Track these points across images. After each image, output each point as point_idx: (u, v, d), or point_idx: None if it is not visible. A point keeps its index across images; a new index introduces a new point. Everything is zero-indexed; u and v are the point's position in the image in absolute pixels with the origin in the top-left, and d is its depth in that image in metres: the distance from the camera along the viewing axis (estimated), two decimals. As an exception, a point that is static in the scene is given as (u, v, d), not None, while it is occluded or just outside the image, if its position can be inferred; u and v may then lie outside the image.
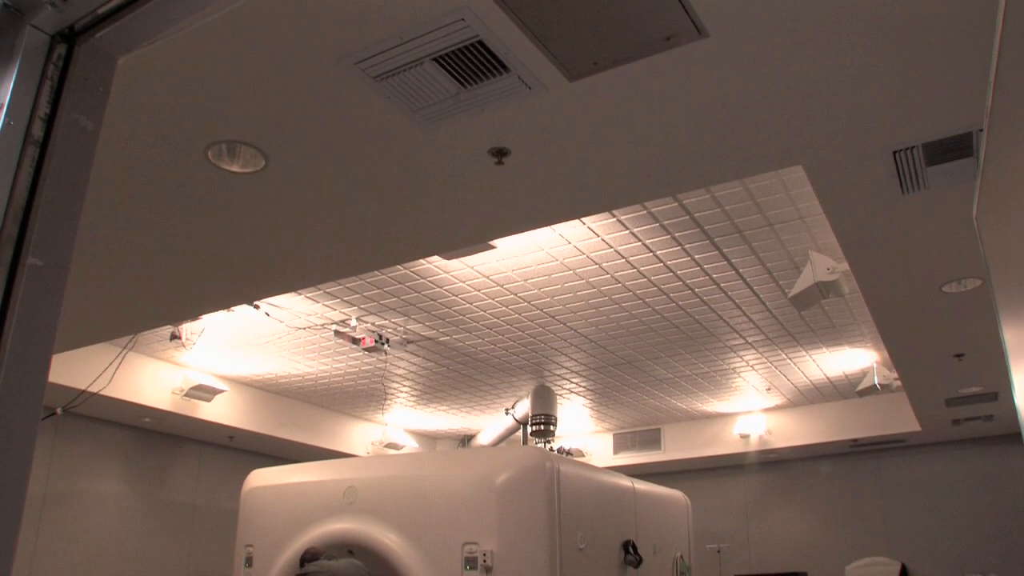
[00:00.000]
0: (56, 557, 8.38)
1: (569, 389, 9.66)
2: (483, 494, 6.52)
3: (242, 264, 4.88)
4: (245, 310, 7.03)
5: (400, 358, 8.43)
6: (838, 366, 8.96)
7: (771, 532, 11.61)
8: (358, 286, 6.61)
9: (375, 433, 11.20)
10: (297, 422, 10.13)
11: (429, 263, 6.16)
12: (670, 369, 8.92)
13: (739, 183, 5.07)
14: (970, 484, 10.48)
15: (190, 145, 3.51)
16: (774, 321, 7.50)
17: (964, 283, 5.32)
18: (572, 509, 6.74)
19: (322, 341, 7.92)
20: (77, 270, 4.59)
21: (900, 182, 3.94)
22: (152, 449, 9.64)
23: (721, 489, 11.90)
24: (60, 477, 8.61)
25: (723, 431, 11.05)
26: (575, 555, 6.71)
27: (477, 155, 3.58)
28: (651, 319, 7.37)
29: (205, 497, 10.13)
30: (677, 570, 8.79)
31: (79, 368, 7.38)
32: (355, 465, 7.79)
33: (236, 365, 8.77)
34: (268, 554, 7.49)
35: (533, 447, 8.89)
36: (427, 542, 6.63)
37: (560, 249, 5.97)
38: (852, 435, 10.42)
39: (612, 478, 8.05)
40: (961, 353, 6.83)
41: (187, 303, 5.71)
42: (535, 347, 8.09)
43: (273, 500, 7.76)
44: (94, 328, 6.08)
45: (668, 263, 6.22)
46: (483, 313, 7.17)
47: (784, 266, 6.32)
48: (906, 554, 10.62)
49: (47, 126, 1.46)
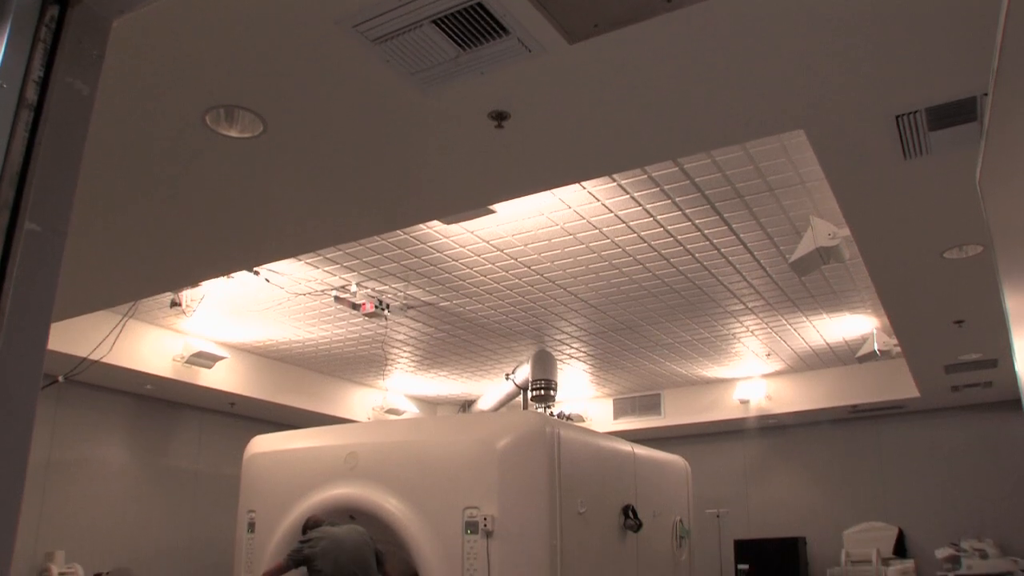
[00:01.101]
0: (61, 523, 8.43)
1: (569, 354, 9.68)
2: (484, 459, 6.55)
3: (241, 230, 4.86)
4: (245, 276, 7.02)
5: (400, 323, 8.44)
6: (838, 332, 8.97)
7: (770, 497, 11.67)
8: (358, 251, 6.60)
9: (376, 399, 11.23)
10: (298, 388, 10.16)
11: (429, 228, 6.14)
12: (670, 334, 8.93)
13: (740, 147, 5.04)
14: (968, 450, 10.52)
15: (187, 110, 3.48)
16: (774, 286, 7.50)
17: (965, 249, 5.30)
18: (572, 474, 6.77)
19: (322, 307, 7.92)
20: (76, 237, 4.57)
21: (902, 147, 3.92)
22: (154, 416, 9.67)
23: (721, 454, 11.96)
24: (63, 444, 8.65)
25: (723, 396, 11.09)
26: (575, 519, 6.76)
27: (477, 119, 3.56)
28: (651, 284, 7.36)
29: (207, 463, 10.18)
30: (676, 534, 8.86)
31: (80, 336, 7.38)
32: (356, 431, 7.82)
33: (236, 332, 8.78)
34: (270, 519, 7.53)
35: (533, 412, 8.93)
36: (428, 507, 6.67)
37: (560, 214, 5.95)
38: (851, 401, 10.44)
39: (612, 443, 8.09)
40: (961, 320, 6.83)
41: (186, 269, 5.70)
42: (535, 312, 8.09)
43: (275, 466, 7.80)
44: (94, 296, 6.07)
45: (668, 228, 6.20)
46: (483, 278, 7.16)
47: (785, 231, 6.30)
48: (903, 519, 10.69)
49: (41, 90, 1.45)
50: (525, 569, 6.33)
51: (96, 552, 8.56)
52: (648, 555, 8.08)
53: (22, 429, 1.56)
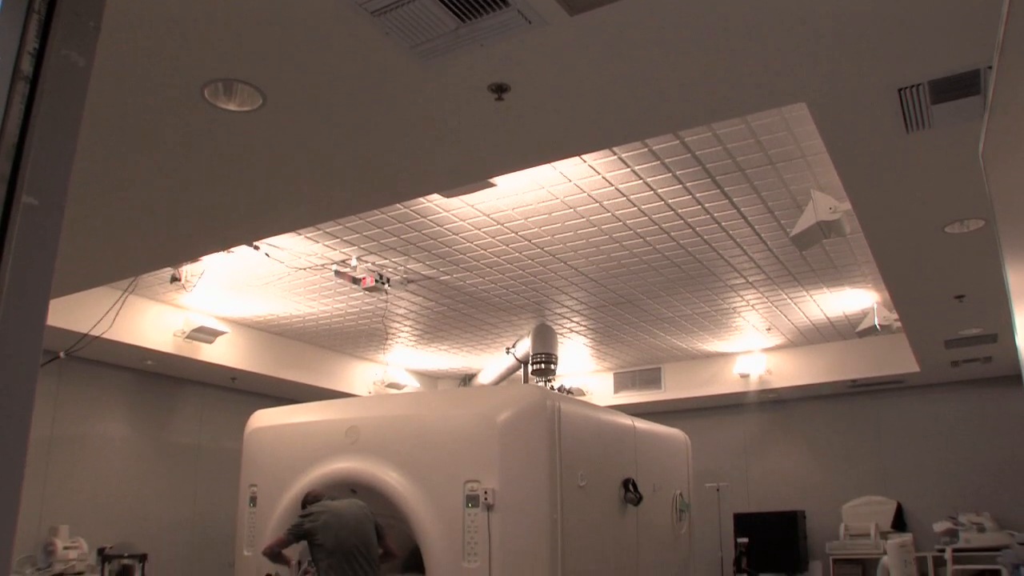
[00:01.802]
0: (64, 498, 8.47)
1: (570, 328, 9.68)
2: (484, 432, 6.57)
3: (240, 204, 4.85)
4: (245, 251, 7.00)
5: (401, 298, 8.44)
6: (838, 306, 8.97)
7: (770, 471, 11.72)
8: (358, 226, 6.58)
9: (376, 373, 11.25)
10: (298, 363, 10.17)
11: (429, 202, 6.12)
12: (670, 308, 8.93)
13: (741, 120, 5.01)
14: (967, 425, 10.55)
15: (186, 84, 3.46)
16: (775, 260, 7.49)
17: (967, 224, 5.29)
18: (572, 447, 6.79)
19: (323, 281, 7.92)
20: (74, 212, 4.56)
21: (905, 120, 3.90)
22: (155, 391, 9.69)
23: (721, 428, 11.99)
24: (65, 420, 8.67)
25: (723, 370, 11.11)
26: (575, 493, 6.78)
27: (476, 91, 3.53)
28: (652, 258, 7.35)
29: (208, 438, 10.22)
30: (676, 508, 8.90)
31: (81, 312, 7.38)
32: (357, 405, 7.84)
33: (237, 307, 8.78)
34: (272, 493, 7.56)
35: (534, 386, 8.94)
36: (429, 480, 6.69)
37: (561, 187, 5.93)
38: (851, 376, 10.46)
39: (612, 416, 8.10)
40: (962, 294, 6.82)
41: (186, 244, 5.69)
42: (536, 286, 8.09)
43: (276, 440, 7.82)
44: (94, 271, 6.07)
45: (669, 201, 6.19)
46: (483, 252, 7.15)
47: (786, 205, 6.28)
48: (902, 493, 10.74)
49: (36, 62, 1.43)
50: (525, 542, 6.36)
51: (99, 526, 8.60)
52: (648, 528, 8.13)
53: (23, 404, 1.56)
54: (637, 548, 7.88)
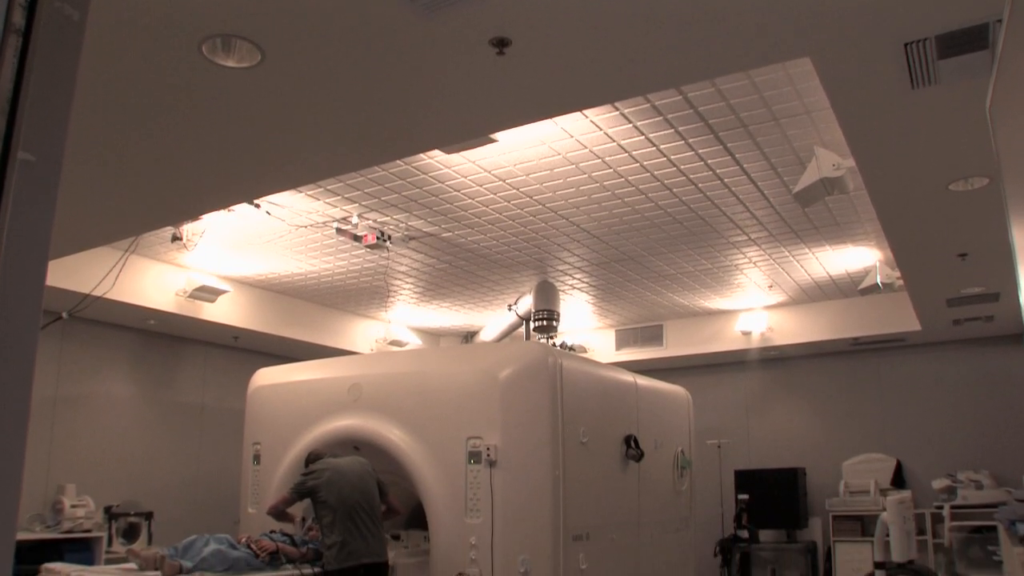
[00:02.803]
0: (70, 457, 8.53)
1: (572, 285, 9.68)
2: (487, 389, 6.59)
3: (240, 162, 4.82)
4: (245, 209, 6.98)
5: (402, 255, 8.42)
6: (840, 264, 8.95)
7: (770, 428, 11.77)
8: (359, 183, 6.55)
9: (378, 331, 11.27)
10: (301, 321, 10.19)
11: (430, 158, 6.09)
12: (672, 265, 8.92)
13: (745, 76, 4.96)
14: (968, 384, 10.58)
15: (183, 40, 3.42)
16: (777, 218, 7.46)
17: (971, 182, 5.25)
18: (574, 404, 6.82)
19: (324, 239, 7.90)
20: (73, 172, 4.53)
21: (910, 76, 3.86)
22: (158, 351, 9.72)
23: (722, 385, 12.03)
24: (69, 380, 8.71)
25: (725, 328, 11.12)
26: (577, 449, 6.82)
27: (477, 45, 3.50)
28: (654, 214, 7.32)
29: (212, 397, 10.26)
30: (678, 464, 8.95)
31: (82, 272, 7.37)
32: (359, 362, 7.87)
33: (238, 265, 8.77)
34: (275, 451, 7.61)
35: (536, 342, 8.96)
36: (431, 437, 6.73)
37: (563, 143, 5.89)
38: (853, 333, 10.47)
39: (614, 373, 8.13)
40: (964, 253, 6.80)
41: (186, 203, 5.67)
42: (537, 242, 8.07)
43: (279, 398, 7.86)
44: (94, 231, 6.05)
45: (672, 157, 6.15)
46: (485, 208, 7.13)
47: (789, 162, 6.24)
48: (902, 451, 10.79)
49: (28, 15, 1.41)
50: (528, 498, 6.40)
51: (105, 485, 8.67)
52: (649, 485, 8.18)
53: (24, 362, 1.54)
54: (638, 504, 7.95)
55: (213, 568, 5.60)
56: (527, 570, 6.23)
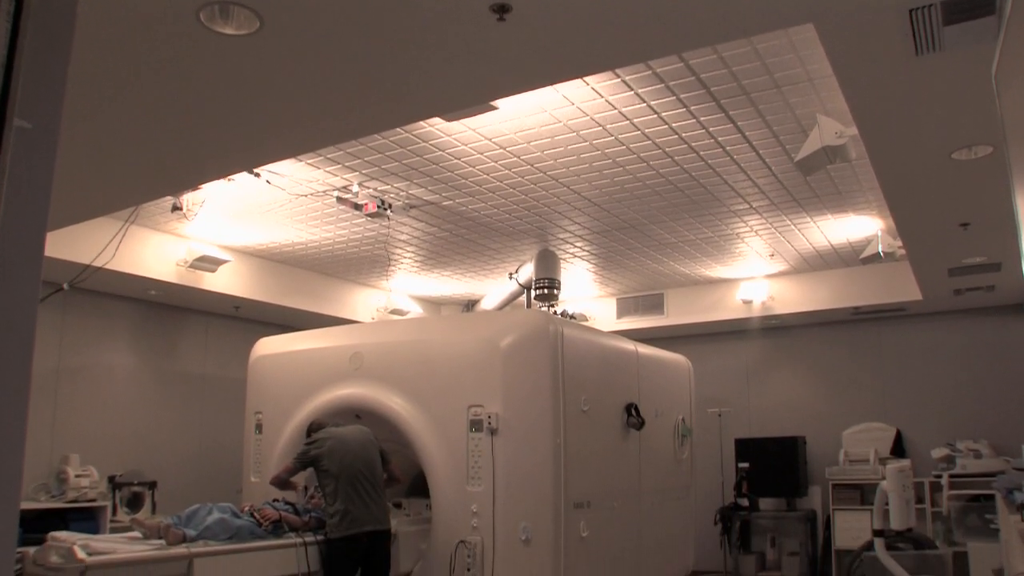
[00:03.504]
0: (74, 428, 8.56)
1: (573, 253, 9.67)
2: (488, 357, 6.60)
3: (239, 130, 4.79)
4: (245, 178, 6.95)
5: (403, 223, 8.40)
6: (842, 233, 8.93)
7: (771, 397, 11.80)
8: (359, 151, 6.52)
9: (379, 299, 11.27)
10: (302, 290, 10.18)
11: (430, 126, 6.05)
12: (674, 233, 8.90)
13: (747, 43, 4.92)
14: (968, 354, 10.58)
15: (181, 7, 3.38)
16: (779, 186, 7.43)
17: (974, 150, 5.21)
18: (575, 372, 6.83)
19: (324, 208, 7.88)
20: (71, 140, 4.51)
21: (915, 42, 3.82)
22: (159, 321, 9.73)
23: (723, 354, 12.04)
24: (71, 351, 8.72)
25: (726, 296, 11.11)
26: (578, 417, 6.84)
27: (478, 11, 3.46)
28: (655, 182, 7.30)
29: (214, 367, 10.28)
30: (679, 433, 8.98)
31: (82, 243, 7.35)
32: (360, 331, 7.88)
33: (239, 235, 8.75)
34: (277, 420, 7.64)
35: (537, 311, 8.96)
36: (433, 405, 6.75)
37: (564, 111, 5.85)
38: (854, 303, 10.46)
39: (615, 341, 8.14)
40: (967, 222, 6.76)
41: (185, 172, 5.64)
42: (539, 211, 8.05)
43: (280, 367, 7.88)
44: (94, 201, 6.02)
45: (673, 125, 6.11)
46: (486, 176, 7.10)
47: (791, 130, 6.21)
48: (902, 420, 10.82)
49: (23, -22, 1.39)
50: (529, 466, 6.43)
51: (109, 455, 8.70)
52: (650, 453, 8.22)
53: (24, 330, 1.54)
54: (639, 472, 7.98)
55: (216, 536, 5.63)
56: (528, 537, 6.27)
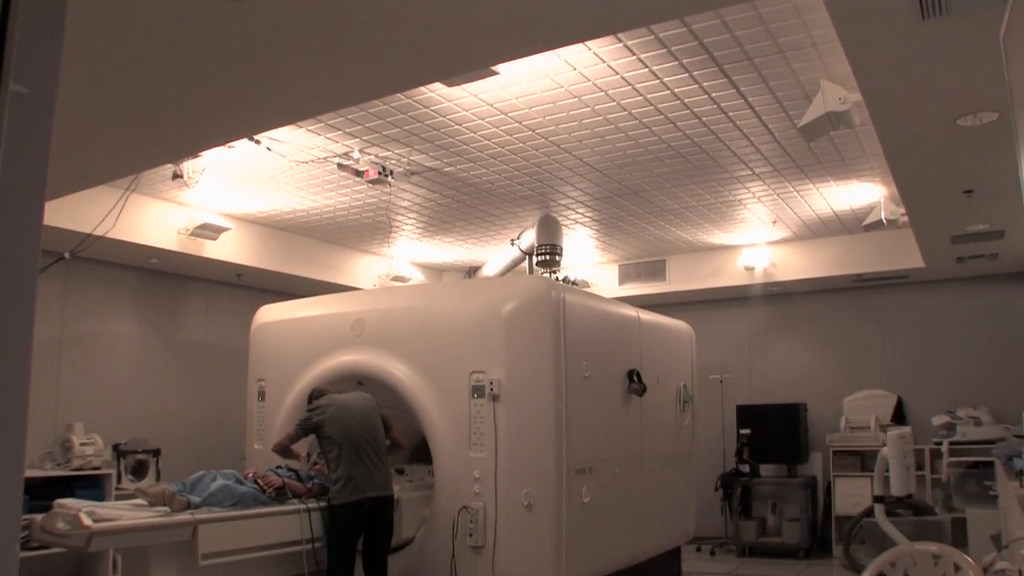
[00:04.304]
0: (78, 397, 8.60)
1: (574, 220, 9.65)
2: (490, 323, 6.60)
3: (239, 96, 4.76)
4: (246, 145, 6.92)
5: (404, 190, 8.38)
6: (845, 200, 8.90)
7: (773, 364, 11.82)
8: (360, 117, 6.49)
9: (381, 266, 11.27)
10: (303, 257, 10.18)
11: (431, 92, 6.01)
12: (676, 200, 8.87)
13: (750, 6, 4.87)
14: (970, 321, 10.60)
15: (179, -32, 3.35)
16: (782, 152, 7.40)
17: (980, 116, 5.16)
18: (577, 338, 6.83)
19: (325, 175, 7.85)
20: (69, 107, 4.48)
21: (921, 6, 3.77)
22: (161, 290, 9.74)
23: (725, 321, 12.05)
24: (74, 320, 8.74)
25: (728, 263, 11.10)
26: (580, 383, 6.85)
27: (479, -23, 3.43)
28: (657, 148, 7.26)
29: (216, 335, 10.30)
30: (680, 399, 9.00)
31: (83, 212, 7.34)
32: (362, 298, 7.87)
33: (240, 202, 8.73)
34: (280, 388, 7.66)
35: (539, 277, 8.95)
36: (435, 372, 6.76)
37: (565, 76, 5.81)
38: (856, 270, 10.46)
39: (617, 308, 8.13)
40: (971, 190, 6.73)
41: (185, 139, 5.60)
42: (540, 177, 8.02)
43: (282, 335, 7.88)
44: (93, 169, 5.99)
45: (675, 90, 6.07)
46: (487, 142, 7.07)
47: (794, 95, 6.17)
48: (903, 388, 10.85)
49: (16, -61, 1.37)
50: (531, 432, 6.45)
51: (113, 423, 8.75)
52: (652, 419, 8.24)
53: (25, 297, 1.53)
54: (641, 438, 8.01)
55: (220, 503, 5.67)
56: (530, 503, 6.30)
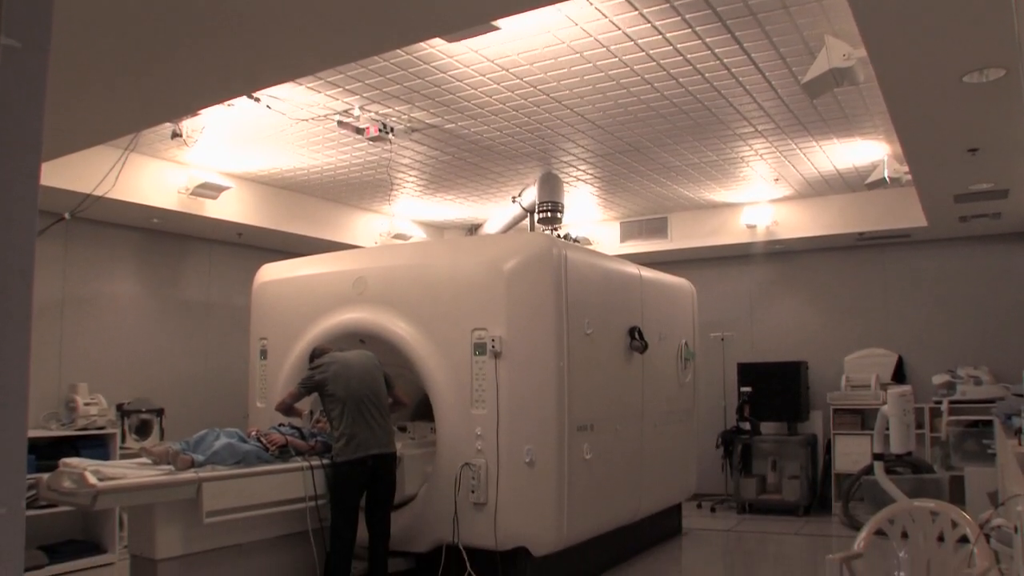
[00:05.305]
0: (81, 358, 8.64)
1: (576, 177, 9.61)
2: (491, 281, 6.60)
3: (237, 53, 4.71)
4: (245, 103, 6.87)
5: (405, 147, 8.33)
6: (848, 158, 8.85)
7: (774, 322, 11.83)
8: (359, 74, 6.44)
9: (382, 224, 11.25)
10: (304, 216, 10.16)
11: (432, 48, 5.96)
12: (678, 157, 8.83)
13: (756, -39, 4.82)
14: (972, 281, 10.60)
15: (175, -79, 3.30)
16: (785, 109, 7.34)
17: (986, 73, 5.09)
18: (579, 295, 6.84)
19: (326, 132, 7.81)
20: (65, 66, 4.44)
21: (927, -43, 3.73)
22: (163, 249, 9.73)
23: (726, 278, 12.05)
24: (76, 281, 8.75)
25: (730, 221, 11.07)
26: (582, 340, 6.87)
27: (479, -70, 3.38)
28: (659, 105, 7.21)
29: (218, 294, 10.31)
30: (681, 357, 9.03)
31: (82, 172, 7.30)
32: (363, 256, 7.87)
33: (240, 161, 8.69)
34: (282, 346, 7.69)
35: (540, 234, 8.94)
36: (437, 329, 6.77)
37: (567, 31, 5.75)
38: (858, 228, 10.44)
39: (619, 265, 8.14)
40: (975, 148, 6.68)
41: (183, 97, 5.55)
42: (542, 133, 7.97)
43: (284, 293, 7.90)
44: (92, 130, 5.95)
45: (678, 46, 6.01)
46: (488, 99, 7.01)
47: (798, 51, 6.10)
48: (904, 346, 10.87)
49: None
50: (533, 389, 6.48)
51: (116, 383, 8.78)
52: (653, 376, 8.27)
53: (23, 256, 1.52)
54: (642, 395, 8.05)
55: (224, 461, 5.71)
56: (532, 460, 6.35)
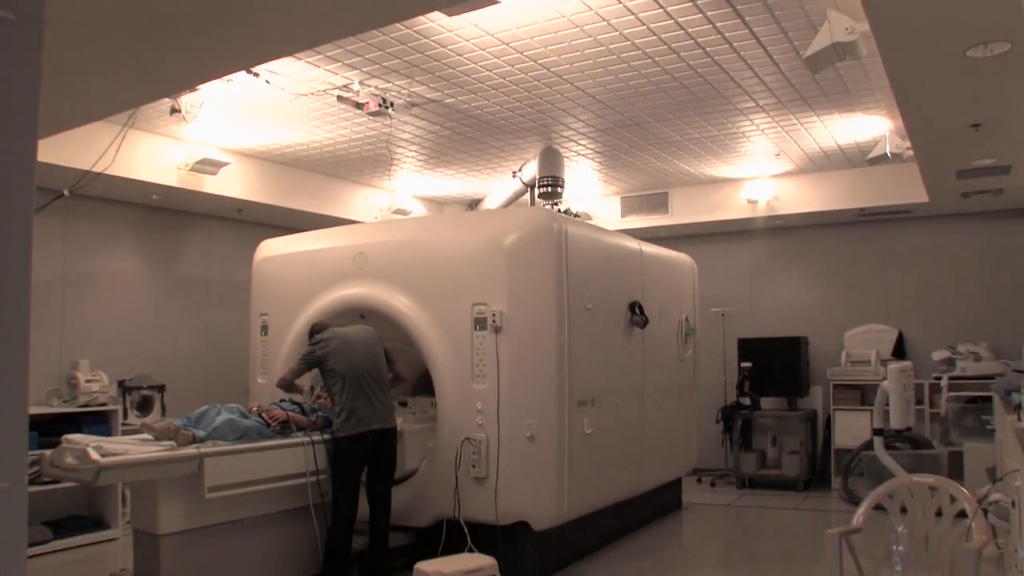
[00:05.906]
0: (82, 334, 8.65)
1: (576, 152, 9.58)
2: (492, 255, 6.59)
3: (234, 26, 4.68)
4: (244, 78, 6.84)
5: (405, 122, 8.30)
6: (850, 133, 8.82)
7: (774, 297, 11.83)
8: (359, 48, 6.40)
9: (382, 199, 11.23)
10: (304, 191, 10.14)
11: (431, 21, 5.92)
12: (679, 131, 8.79)
13: (758, -67, 4.78)
14: (972, 257, 10.60)
15: None
16: (786, 84, 7.30)
17: (990, 47, 5.04)
18: (579, 270, 6.83)
19: (326, 107, 7.77)
20: (62, 40, 4.41)
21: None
22: (163, 226, 9.72)
23: (727, 254, 12.04)
24: (76, 258, 8.75)
25: (730, 196, 11.05)
26: (582, 315, 6.87)
27: (479, -99, 3.35)
28: (660, 79, 7.17)
29: (218, 270, 10.31)
30: (682, 332, 9.04)
31: (81, 148, 7.28)
32: (364, 231, 7.86)
33: (239, 137, 8.66)
34: (282, 322, 7.69)
35: (541, 208, 8.92)
36: (437, 304, 6.77)
37: (568, 4, 5.72)
38: (859, 204, 10.42)
39: (619, 240, 8.13)
40: (978, 123, 6.65)
41: (182, 72, 5.51)
42: (542, 108, 7.93)
43: (284, 269, 7.89)
44: (90, 105, 5.91)
45: (679, 20, 5.97)
46: (488, 73, 6.98)
47: (800, 25, 6.06)
48: (904, 322, 10.88)
49: None
50: (533, 364, 6.48)
51: (117, 360, 8.79)
52: (653, 351, 8.28)
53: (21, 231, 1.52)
54: (643, 370, 8.06)
55: (225, 437, 5.72)
56: (533, 435, 6.36)
